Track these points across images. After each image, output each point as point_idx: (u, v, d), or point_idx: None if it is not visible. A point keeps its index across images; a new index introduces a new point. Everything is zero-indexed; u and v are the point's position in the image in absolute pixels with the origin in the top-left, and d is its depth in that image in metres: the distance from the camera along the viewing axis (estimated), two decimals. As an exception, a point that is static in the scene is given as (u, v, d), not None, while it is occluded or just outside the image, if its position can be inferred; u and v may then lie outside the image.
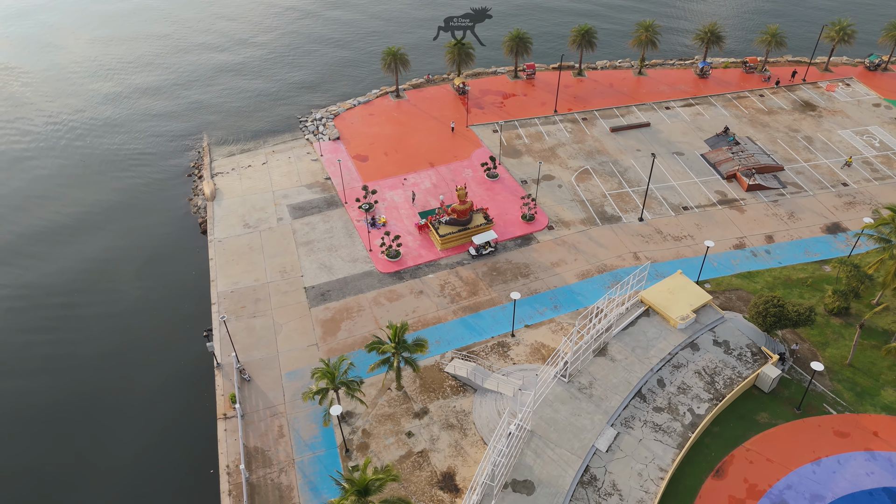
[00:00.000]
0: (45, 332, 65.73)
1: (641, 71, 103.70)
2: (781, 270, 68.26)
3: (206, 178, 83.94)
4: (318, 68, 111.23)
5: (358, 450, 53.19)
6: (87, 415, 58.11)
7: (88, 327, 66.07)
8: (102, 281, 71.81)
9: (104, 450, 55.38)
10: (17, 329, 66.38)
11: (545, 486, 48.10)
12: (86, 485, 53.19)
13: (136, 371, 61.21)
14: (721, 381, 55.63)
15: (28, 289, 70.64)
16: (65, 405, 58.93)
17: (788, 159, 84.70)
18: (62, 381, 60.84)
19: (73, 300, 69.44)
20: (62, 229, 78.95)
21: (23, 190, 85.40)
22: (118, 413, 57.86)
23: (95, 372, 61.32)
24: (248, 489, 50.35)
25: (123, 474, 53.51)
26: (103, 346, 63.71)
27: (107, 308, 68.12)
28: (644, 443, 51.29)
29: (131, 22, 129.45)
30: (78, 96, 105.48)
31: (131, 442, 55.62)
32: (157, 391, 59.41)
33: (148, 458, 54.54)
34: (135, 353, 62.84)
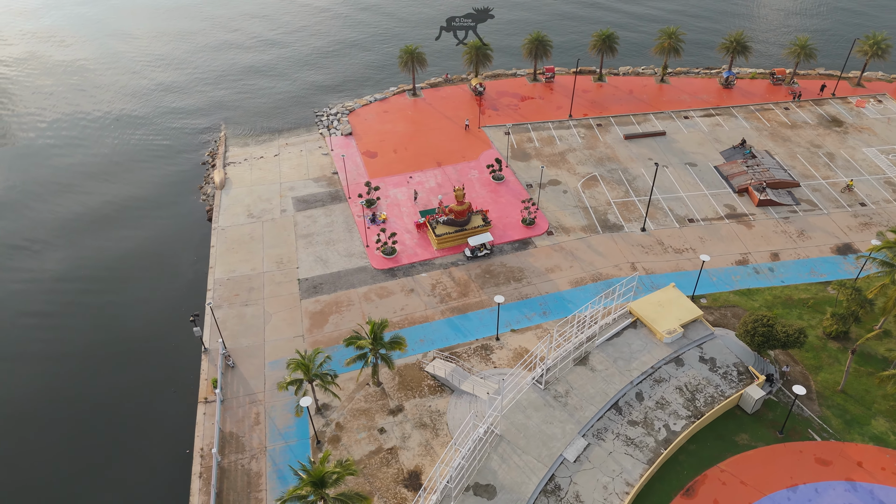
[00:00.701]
0: (44, 310, 68.16)
1: (664, 79, 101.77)
2: (783, 290, 66.21)
3: (219, 167, 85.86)
4: (339, 66, 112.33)
5: (329, 442, 53.75)
6: (75, 390, 60.07)
7: (85, 306, 68.29)
8: (105, 262, 74.08)
9: (85, 423, 57.29)
10: (17, 304, 69.19)
11: (507, 492, 47.79)
12: (63, 456, 55.17)
13: (126, 352, 62.97)
14: (702, 398, 54.32)
15: (29, 270, 73.24)
16: (56, 379, 61.11)
17: (806, 175, 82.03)
18: (55, 357, 63.13)
19: (74, 280, 71.85)
20: (77, 214, 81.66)
21: (46, 176, 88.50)
22: (105, 391, 59.66)
23: (87, 350, 63.38)
24: (217, 473, 51.40)
25: (101, 448, 55.24)
26: (97, 326, 65.82)
27: (106, 288, 70.33)
28: (614, 456, 50.47)
29: (164, 18, 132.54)
30: (107, 89, 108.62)
31: (114, 418, 57.33)
32: (144, 372, 61.02)
33: (128, 435, 56.14)
34: (127, 334, 64.68)
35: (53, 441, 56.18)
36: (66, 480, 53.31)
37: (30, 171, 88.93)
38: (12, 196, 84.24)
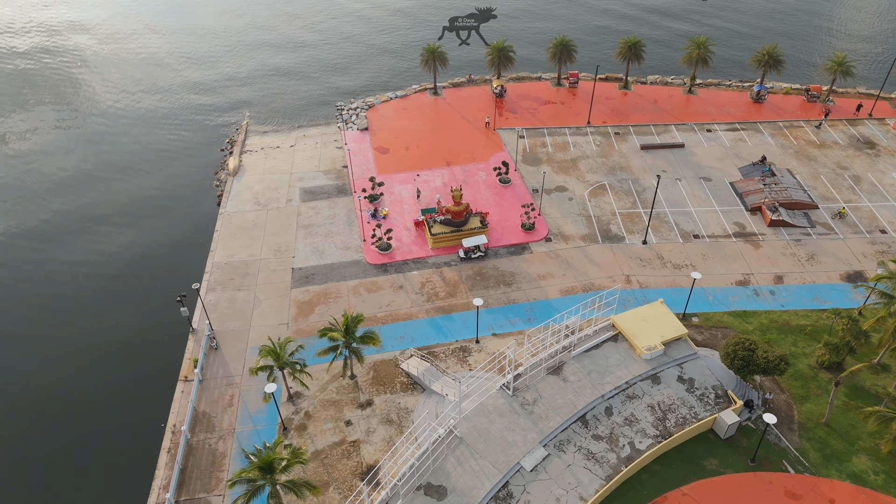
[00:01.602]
0: (47, 283, 71.75)
1: (692, 90, 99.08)
2: (781, 314, 63.72)
3: (235, 154, 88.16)
4: (365, 64, 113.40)
5: (296, 430, 54.69)
6: (66, 361, 62.89)
7: (87, 279, 71.61)
8: (115, 237, 77.47)
9: (71, 390, 60.13)
10: (22, 274, 73.04)
11: (458, 495, 47.66)
12: (42, 419, 58.11)
13: (119, 327, 65.60)
14: (673, 419, 52.87)
15: (36, 240, 77.29)
16: (51, 346, 64.21)
17: (827, 198, 78.62)
18: (53, 325, 66.30)
19: (80, 253, 75.65)
20: (95, 197, 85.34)
21: (83, 158, 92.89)
22: (93, 362, 62.29)
23: (83, 321, 66.43)
24: (185, 450, 53.00)
25: (83, 414, 57.84)
26: (95, 300, 68.89)
27: (110, 262, 73.56)
28: (572, 468, 49.69)
29: (197, 13, 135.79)
30: (141, 81, 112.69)
31: (99, 389, 59.80)
32: (135, 346, 63.42)
33: (110, 404, 58.49)
34: (122, 309, 67.38)
35: (36, 403, 59.27)
36: (40, 442, 56.22)
37: (74, 153, 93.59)
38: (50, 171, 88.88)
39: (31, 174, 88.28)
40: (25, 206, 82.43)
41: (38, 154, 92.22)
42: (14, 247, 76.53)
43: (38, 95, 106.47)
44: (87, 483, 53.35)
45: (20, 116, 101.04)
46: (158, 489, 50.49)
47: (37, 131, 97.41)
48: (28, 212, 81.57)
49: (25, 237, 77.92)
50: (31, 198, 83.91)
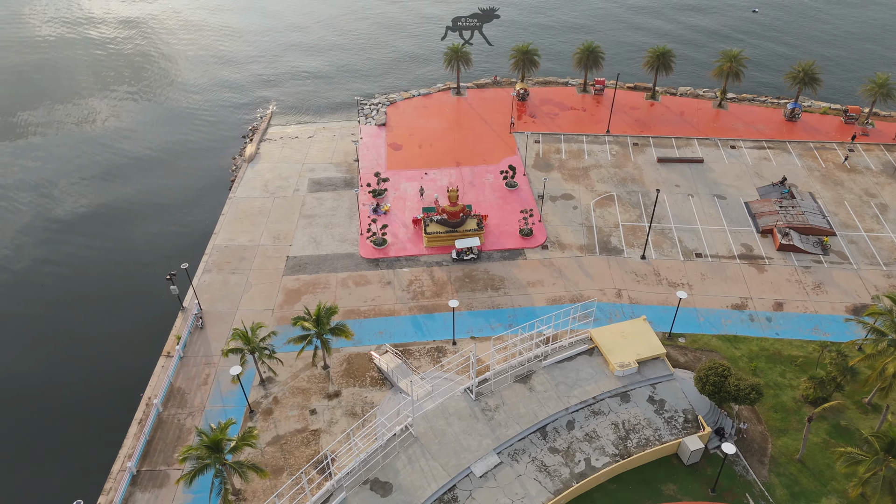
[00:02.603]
0: (52, 256, 75.68)
1: (722, 104, 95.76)
2: (774, 343, 61.03)
3: (254, 141, 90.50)
4: (394, 62, 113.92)
5: (262, 413, 55.90)
6: (63, 328, 66.36)
7: (92, 250, 75.63)
8: (127, 213, 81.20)
9: (59, 355, 63.41)
10: (33, 247, 77.08)
11: (402, 494, 47.75)
12: (26, 377, 61.72)
13: (114, 301, 68.65)
14: (636, 439, 51.46)
15: (50, 221, 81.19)
16: (51, 315, 67.84)
17: (847, 225, 74.75)
18: (56, 291, 69.95)
19: (88, 225, 79.82)
20: (114, 168, 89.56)
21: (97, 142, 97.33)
22: (85, 331, 65.42)
23: (83, 293, 69.94)
24: (155, 422, 54.94)
25: (66, 378, 60.96)
26: (95, 269, 72.63)
27: (116, 235, 77.29)
28: (522, 479, 49.03)
29: (235, 12, 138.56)
30: (183, 72, 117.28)
31: (86, 356, 62.74)
32: (127, 320, 66.17)
33: (94, 372, 61.28)
34: (120, 283, 70.53)
35: (23, 360, 62.94)
36: (18, 399, 59.74)
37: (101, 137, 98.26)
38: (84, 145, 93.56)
39: (77, 157, 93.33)
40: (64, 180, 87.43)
41: (86, 138, 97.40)
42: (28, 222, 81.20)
43: (90, 84, 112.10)
44: (58, 445, 56.09)
45: (72, 106, 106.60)
46: (124, 457, 52.57)
47: (87, 120, 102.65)
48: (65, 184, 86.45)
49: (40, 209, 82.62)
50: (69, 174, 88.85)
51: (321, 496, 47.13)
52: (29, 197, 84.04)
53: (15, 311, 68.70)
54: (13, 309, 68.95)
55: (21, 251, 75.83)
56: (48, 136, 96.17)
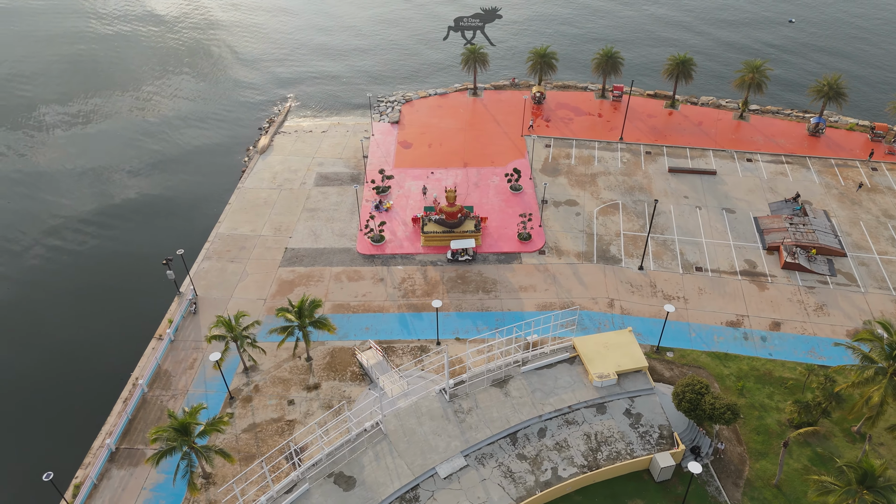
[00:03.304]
0: (61, 238, 78.49)
1: (743, 115, 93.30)
2: (766, 363, 59.28)
3: (269, 134, 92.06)
4: (415, 59, 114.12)
5: (242, 401, 56.93)
6: (65, 307, 68.84)
7: (98, 237, 78.12)
8: (135, 201, 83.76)
9: (56, 331, 66.09)
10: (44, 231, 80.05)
11: (365, 489, 48.08)
12: (21, 351, 64.39)
13: (116, 283, 70.94)
14: (607, 451, 50.69)
15: (62, 205, 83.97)
16: (56, 293, 70.60)
17: (860, 247, 72.07)
18: (62, 273, 72.57)
19: (98, 213, 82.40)
20: (132, 156, 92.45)
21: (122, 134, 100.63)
22: (88, 312, 67.79)
23: (87, 274, 72.64)
24: (138, 402, 56.51)
25: (61, 353, 63.38)
26: (101, 258, 75.03)
27: (124, 222, 79.59)
28: (486, 484, 48.83)
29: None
30: (210, 66, 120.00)
31: (82, 334, 65.07)
32: (125, 301, 68.25)
33: (89, 349, 63.49)
34: (122, 268, 72.87)
35: (21, 336, 65.74)
36: (9, 372, 62.32)
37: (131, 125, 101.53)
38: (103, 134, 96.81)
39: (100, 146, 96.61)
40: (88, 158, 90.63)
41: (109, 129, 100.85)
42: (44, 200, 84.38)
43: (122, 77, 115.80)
44: (45, 418, 58.18)
45: (99, 98, 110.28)
46: (105, 434, 54.25)
47: (114, 114, 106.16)
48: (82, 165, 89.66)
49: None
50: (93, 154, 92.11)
51: (286, 486, 47.86)
52: (42, 181, 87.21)
53: (22, 287, 71.59)
54: (22, 283, 71.89)
55: (34, 232, 78.79)
56: (74, 126, 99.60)
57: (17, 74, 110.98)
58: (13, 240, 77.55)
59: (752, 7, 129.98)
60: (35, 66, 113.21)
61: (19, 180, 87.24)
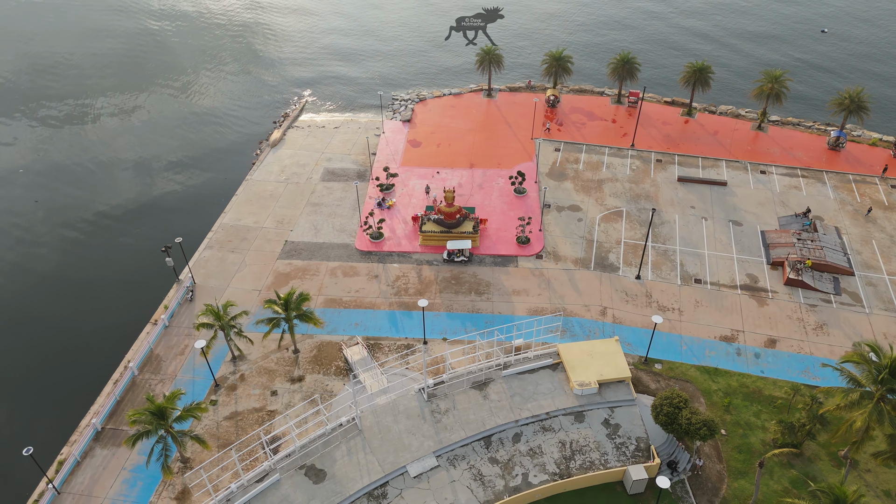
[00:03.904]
0: (70, 224, 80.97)
1: (761, 126, 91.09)
2: (756, 380, 57.87)
3: (282, 127, 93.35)
4: (433, 58, 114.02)
5: (227, 388, 57.93)
6: (69, 290, 71.16)
7: (104, 224, 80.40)
8: (146, 189, 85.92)
9: (56, 311, 68.45)
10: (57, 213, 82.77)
11: (334, 483, 48.52)
12: (21, 327, 66.84)
13: (120, 268, 73.16)
14: (580, 461, 50.19)
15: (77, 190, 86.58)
16: (62, 274, 73.21)
17: (870, 266, 69.80)
18: (69, 257, 74.96)
19: (109, 195, 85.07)
20: (150, 147, 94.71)
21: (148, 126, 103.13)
22: (90, 293, 69.96)
23: (92, 259, 75.08)
24: (128, 384, 57.97)
25: (59, 332, 65.71)
26: (107, 242, 77.33)
27: (132, 211, 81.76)
28: (455, 485, 48.81)
29: None
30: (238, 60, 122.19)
31: (80, 315, 67.33)
32: (126, 286, 70.14)
33: (88, 330, 65.49)
34: (126, 252, 74.97)
35: (24, 314, 68.13)
36: (10, 346, 64.87)
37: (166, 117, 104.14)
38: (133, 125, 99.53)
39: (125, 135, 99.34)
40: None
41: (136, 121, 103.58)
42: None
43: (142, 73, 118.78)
44: (36, 396, 60.20)
45: (125, 95, 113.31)
46: (93, 413, 55.82)
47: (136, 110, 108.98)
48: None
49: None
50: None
51: (257, 474, 48.63)
52: (59, 171, 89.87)
53: (30, 269, 74.08)
54: (31, 265, 74.41)
55: (47, 218, 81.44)
56: (98, 118, 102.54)
57: (45, 68, 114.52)
58: (27, 227, 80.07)
59: (783, 19, 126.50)
60: (55, 60, 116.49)
61: (39, 171, 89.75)
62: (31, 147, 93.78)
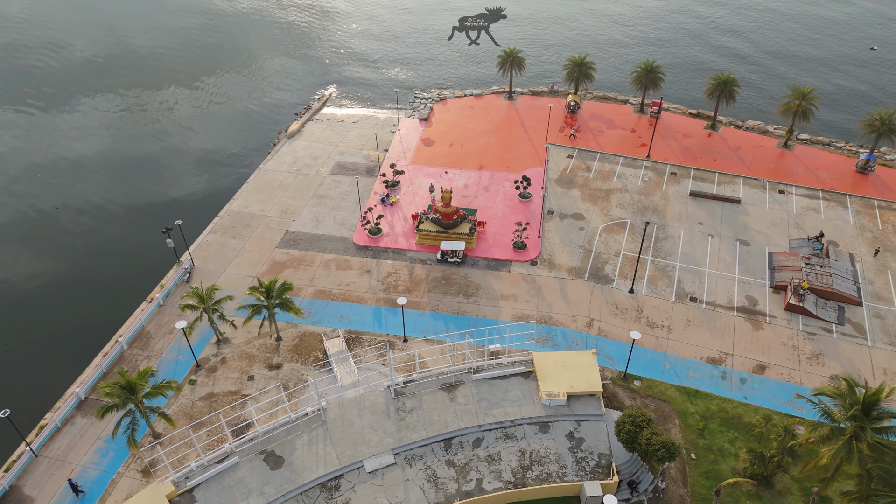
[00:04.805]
0: (85, 203, 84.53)
1: (787, 144, 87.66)
2: (737, 406, 55.90)
3: (302, 119, 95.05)
4: (460, 58, 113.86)
5: (207, 370, 59.56)
6: (74, 263, 74.57)
7: (119, 204, 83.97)
8: (157, 168, 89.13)
9: (63, 279, 71.93)
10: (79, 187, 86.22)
11: (290, 471, 49.36)
12: (25, 293, 70.63)
13: (127, 246, 76.25)
14: (538, 471, 49.60)
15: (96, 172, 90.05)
16: (70, 247, 76.81)
17: (881, 297, 66.42)
18: (80, 233, 78.39)
19: (123, 173, 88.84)
20: (171, 134, 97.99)
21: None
22: (93, 270, 73.35)
23: (101, 236, 78.56)
24: (116, 358, 60.28)
25: (61, 300, 68.95)
26: (116, 222, 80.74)
27: (147, 189, 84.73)
28: (408, 485, 48.96)
29: None
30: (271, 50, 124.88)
31: (87, 288, 70.32)
32: (130, 265, 73.07)
33: (88, 302, 68.48)
34: (134, 232, 77.72)
35: (28, 280, 71.82)
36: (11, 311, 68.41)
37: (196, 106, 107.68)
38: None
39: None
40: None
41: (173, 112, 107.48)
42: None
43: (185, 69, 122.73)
44: (29, 362, 63.23)
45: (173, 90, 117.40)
46: (79, 383, 58.24)
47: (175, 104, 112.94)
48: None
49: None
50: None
51: (217, 456, 49.88)
52: (81, 149, 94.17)
53: (45, 240, 77.99)
54: (46, 237, 78.27)
55: (66, 193, 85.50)
56: (127, 100, 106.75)
57: (112, 56, 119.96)
58: (45, 204, 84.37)
59: (830, 36, 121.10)
60: (130, 47, 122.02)
61: (58, 148, 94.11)
62: (91, 128, 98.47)
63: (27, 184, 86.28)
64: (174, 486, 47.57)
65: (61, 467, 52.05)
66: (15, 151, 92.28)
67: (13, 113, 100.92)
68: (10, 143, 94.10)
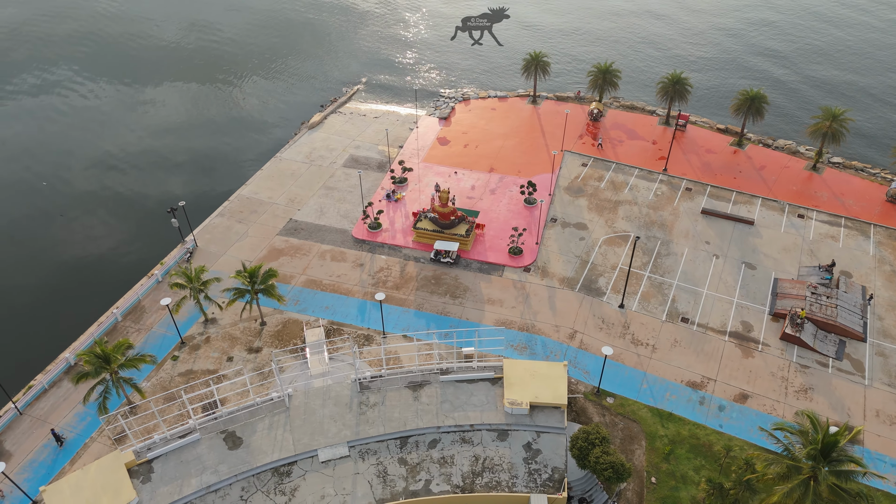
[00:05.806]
0: (104, 185, 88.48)
1: (816, 166, 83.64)
2: (710, 434, 53.96)
3: (325, 112, 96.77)
4: (491, 59, 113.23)
5: (190, 348, 61.67)
6: (87, 236, 78.28)
7: (136, 182, 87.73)
8: (173, 154, 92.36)
9: (71, 250, 75.78)
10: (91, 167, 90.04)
11: (247, 452, 50.53)
12: (32, 261, 74.19)
13: (137, 223, 79.50)
14: (488, 478, 49.22)
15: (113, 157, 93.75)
16: (82, 226, 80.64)
17: (889, 335, 62.73)
18: (97, 203, 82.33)
19: (141, 156, 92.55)
20: (196, 122, 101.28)
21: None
22: (102, 245, 76.81)
23: (113, 216, 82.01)
24: (109, 328, 63.11)
25: (65, 269, 72.67)
26: (133, 199, 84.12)
27: (157, 170, 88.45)
28: (357, 478, 49.44)
29: None
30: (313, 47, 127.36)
31: (88, 260, 74.15)
32: (138, 242, 76.30)
33: (93, 273, 71.86)
34: (146, 210, 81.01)
35: (35, 248, 76.05)
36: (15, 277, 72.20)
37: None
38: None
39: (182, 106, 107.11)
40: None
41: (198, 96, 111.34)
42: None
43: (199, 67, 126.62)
44: (29, 325, 66.68)
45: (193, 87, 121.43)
46: (72, 349, 61.28)
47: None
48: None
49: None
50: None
51: (180, 431, 51.60)
52: (110, 127, 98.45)
53: (55, 211, 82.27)
54: (57, 206, 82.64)
55: (80, 173, 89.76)
56: (164, 87, 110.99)
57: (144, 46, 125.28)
58: (59, 172, 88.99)
59: (880, 62, 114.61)
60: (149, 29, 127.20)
61: (74, 123, 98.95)
62: (129, 104, 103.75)
63: (65, 157, 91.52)
64: (135, 455, 49.52)
65: (41, 426, 54.99)
66: (61, 130, 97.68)
67: (76, 94, 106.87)
68: (62, 121, 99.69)
